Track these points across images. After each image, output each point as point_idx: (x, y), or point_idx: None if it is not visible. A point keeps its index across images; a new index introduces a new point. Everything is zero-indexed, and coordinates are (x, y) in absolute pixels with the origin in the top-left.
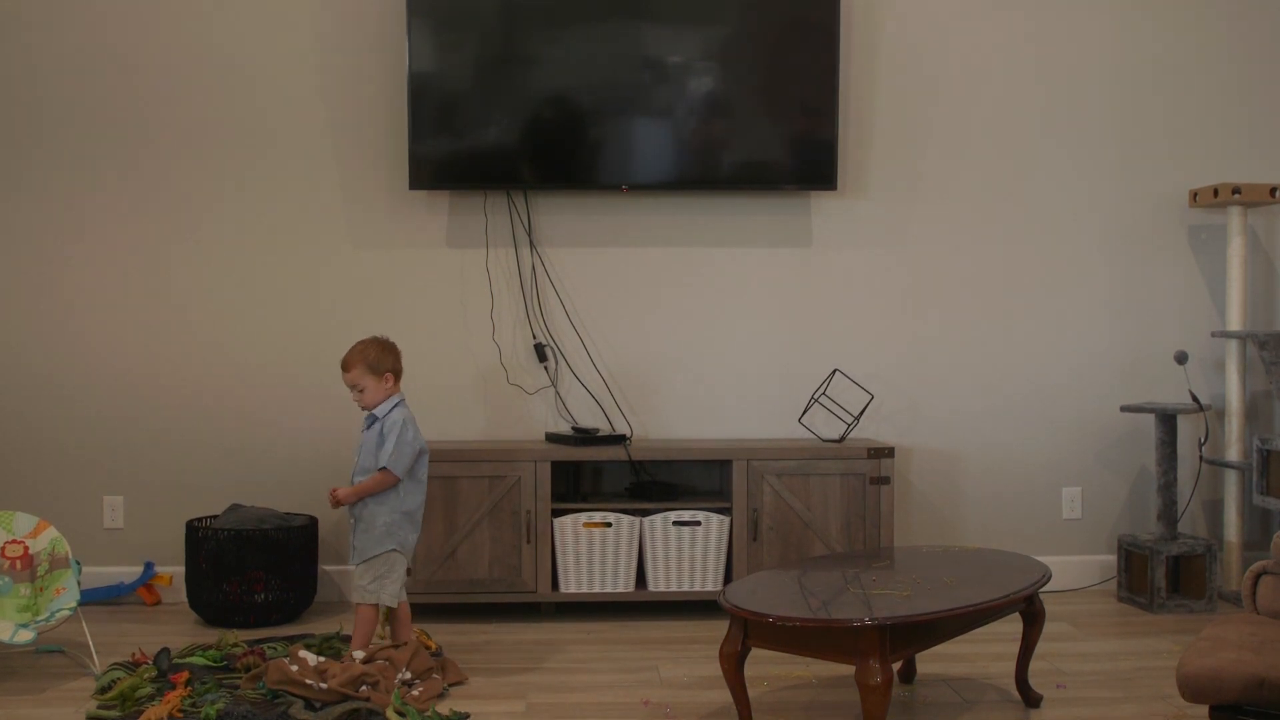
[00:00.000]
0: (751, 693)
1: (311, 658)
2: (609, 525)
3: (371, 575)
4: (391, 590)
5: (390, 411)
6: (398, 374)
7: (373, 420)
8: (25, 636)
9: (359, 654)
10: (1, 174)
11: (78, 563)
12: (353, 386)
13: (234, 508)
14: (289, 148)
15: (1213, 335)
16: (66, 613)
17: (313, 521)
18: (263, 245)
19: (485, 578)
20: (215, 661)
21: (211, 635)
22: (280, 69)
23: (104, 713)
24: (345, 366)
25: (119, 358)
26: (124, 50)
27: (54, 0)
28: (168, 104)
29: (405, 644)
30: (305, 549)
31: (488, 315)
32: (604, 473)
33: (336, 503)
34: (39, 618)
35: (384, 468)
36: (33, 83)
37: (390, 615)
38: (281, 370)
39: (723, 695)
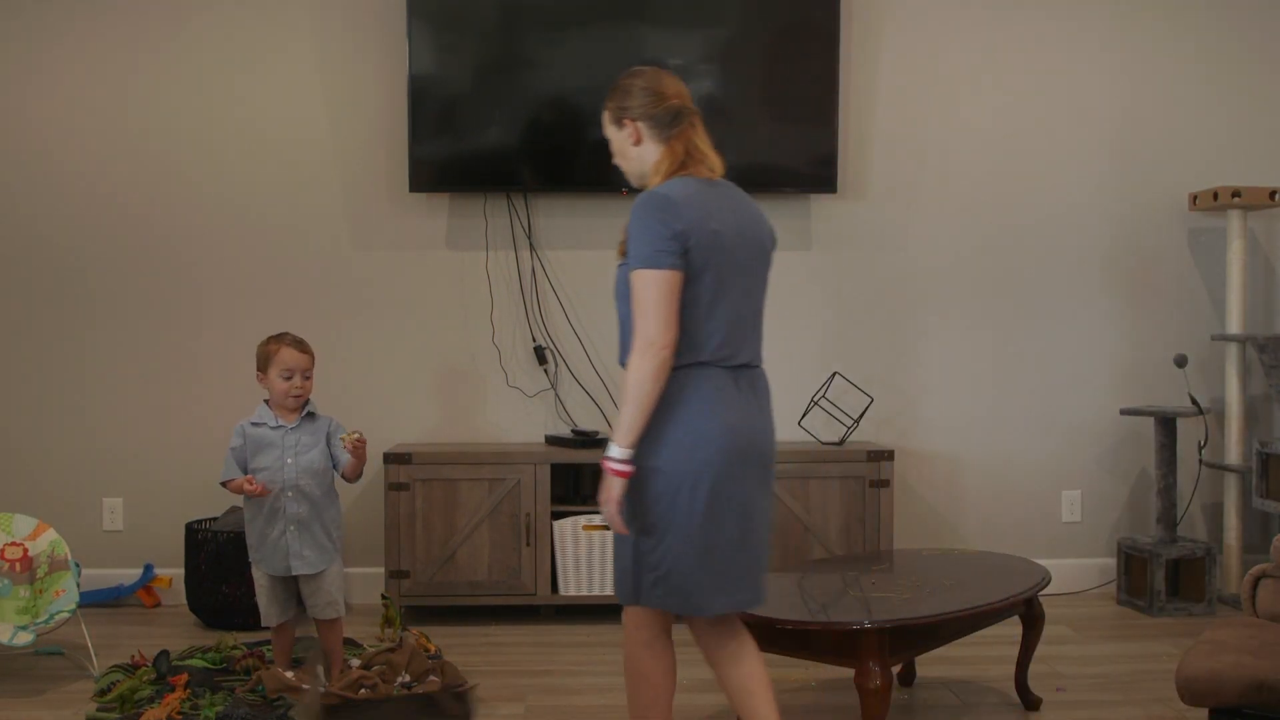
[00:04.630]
0: None
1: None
2: (608, 528)
3: (339, 585)
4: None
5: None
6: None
7: (306, 417)
8: (24, 638)
9: (355, 661)
10: (5, 174)
11: (77, 565)
12: (306, 375)
13: (233, 510)
14: (289, 150)
15: (1212, 338)
16: (66, 615)
17: None
18: (263, 246)
19: (485, 580)
20: (214, 664)
21: (211, 637)
22: (280, 71)
23: (103, 715)
24: (306, 350)
25: (120, 358)
26: (123, 56)
27: None
28: (166, 107)
29: (401, 647)
30: None
31: (487, 318)
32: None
33: (361, 447)
34: (38, 620)
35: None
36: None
37: (281, 631)
38: None
39: (722, 698)
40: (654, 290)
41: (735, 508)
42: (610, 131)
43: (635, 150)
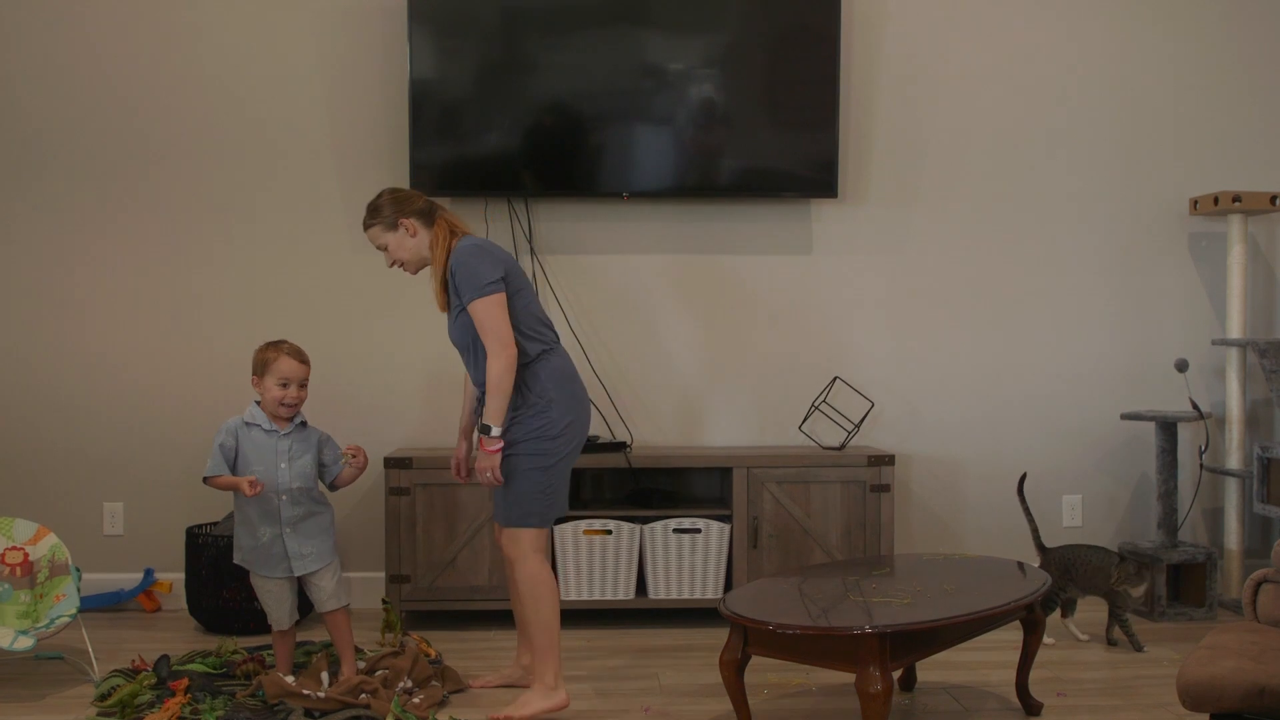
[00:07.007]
0: (751, 701)
1: (326, 679)
2: (609, 532)
3: (338, 578)
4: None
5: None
6: None
7: (298, 426)
8: (25, 643)
9: (361, 663)
10: (8, 185)
11: (77, 569)
12: (302, 385)
13: (234, 514)
14: (290, 154)
15: (1213, 343)
16: (66, 619)
17: None
18: (264, 252)
19: (485, 584)
20: (215, 669)
21: (211, 642)
22: (281, 75)
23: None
24: (304, 361)
25: (120, 363)
26: (125, 60)
27: (53, 8)
28: (170, 113)
29: (404, 651)
30: None
31: None
32: (604, 480)
33: (362, 456)
34: (38, 624)
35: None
36: (37, 96)
37: (282, 636)
38: None
39: (723, 703)
40: (495, 309)
41: (579, 443)
42: (386, 239)
43: (413, 241)
